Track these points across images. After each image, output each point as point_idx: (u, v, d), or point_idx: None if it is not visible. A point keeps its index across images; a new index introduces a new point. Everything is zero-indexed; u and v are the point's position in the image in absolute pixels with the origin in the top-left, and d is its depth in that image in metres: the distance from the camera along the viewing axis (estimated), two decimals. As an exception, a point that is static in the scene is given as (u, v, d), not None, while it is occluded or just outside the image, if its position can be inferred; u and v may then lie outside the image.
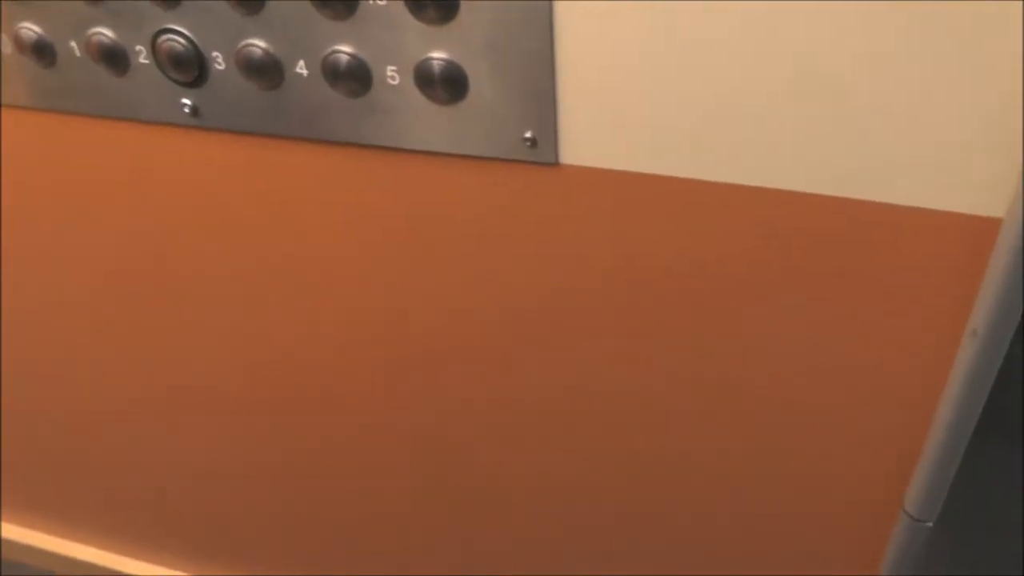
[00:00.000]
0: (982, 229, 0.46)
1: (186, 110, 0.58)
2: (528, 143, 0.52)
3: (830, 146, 0.47)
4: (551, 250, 0.57)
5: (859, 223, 0.49)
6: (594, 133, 0.51)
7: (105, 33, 0.57)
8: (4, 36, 0.60)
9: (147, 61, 0.57)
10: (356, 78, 0.52)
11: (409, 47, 0.50)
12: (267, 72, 0.54)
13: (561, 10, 0.46)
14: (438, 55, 0.50)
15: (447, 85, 0.51)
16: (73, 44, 0.58)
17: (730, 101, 0.47)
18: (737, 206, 0.51)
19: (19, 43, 0.60)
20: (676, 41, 0.46)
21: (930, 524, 0.65)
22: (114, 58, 0.58)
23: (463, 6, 0.48)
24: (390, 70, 0.51)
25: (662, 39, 0.46)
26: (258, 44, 0.53)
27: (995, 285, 0.47)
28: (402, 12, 0.49)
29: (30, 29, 0.59)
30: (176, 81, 0.57)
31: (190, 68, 0.56)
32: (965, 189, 0.46)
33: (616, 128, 0.50)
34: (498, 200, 0.55)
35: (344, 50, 0.51)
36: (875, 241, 0.50)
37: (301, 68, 0.53)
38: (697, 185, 0.51)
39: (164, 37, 0.55)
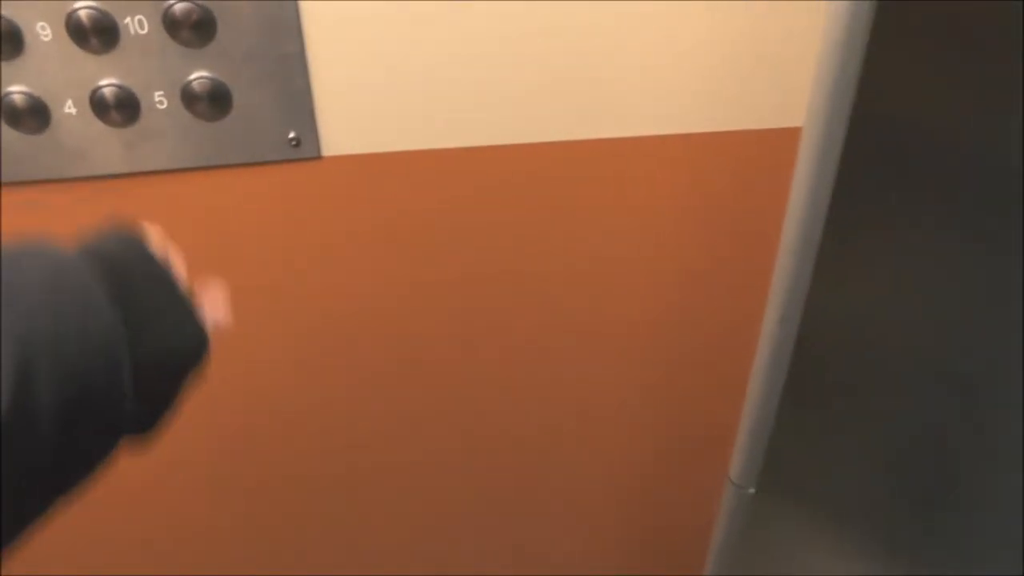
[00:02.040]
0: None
1: (-55, 170, 0.59)
2: (292, 143, 0.59)
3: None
4: (324, 234, 0.63)
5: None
6: (349, 124, 0.59)
7: None
8: None
9: None
10: (125, 107, 0.57)
11: (173, 71, 0.56)
12: (34, 116, 0.57)
13: (307, 14, 0.55)
14: (202, 74, 0.57)
15: (212, 101, 0.57)
16: None
17: (459, 77, 0.58)
18: (489, 164, 0.61)
19: None
20: (406, 31, 0.56)
21: (752, 491, 0.74)
22: None
23: (220, 26, 0.55)
24: (157, 95, 0.57)
25: (396, 31, 0.56)
26: (22, 90, 0.56)
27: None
28: (163, 39, 0.55)
29: None
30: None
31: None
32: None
33: (368, 116, 0.59)
34: (271, 198, 0.62)
35: (111, 83, 0.56)
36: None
37: (69, 107, 0.57)
38: (441, 153, 0.61)
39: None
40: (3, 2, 0.53)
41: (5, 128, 0.57)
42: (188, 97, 0.57)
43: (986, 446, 0.79)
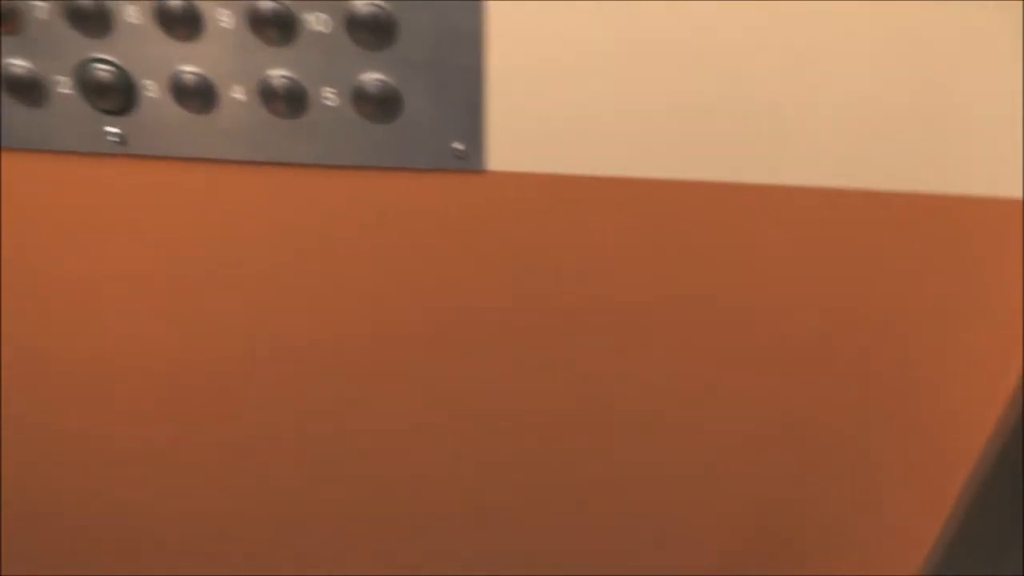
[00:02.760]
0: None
1: (112, 139, 0.59)
2: (458, 153, 0.57)
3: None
4: (481, 252, 0.62)
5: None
6: (519, 140, 0.57)
7: (17, 63, 0.57)
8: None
9: (68, 91, 0.58)
10: (292, 100, 0.56)
11: (347, 70, 0.54)
12: (202, 97, 0.56)
13: (492, 27, 0.52)
14: (375, 76, 0.54)
15: (383, 104, 0.55)
16: (-19, 76, 0.58)
17: (646, 101, 0.54)
18: (666, 200, 0.58)
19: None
20: (594, 50, 0.53)
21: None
22: (30, 89, 0.58)
23: (401, 31, 0.53)
24: (327, 91, 0.55)
25: (581, 49, 0.53)
26: (193, 70, 0.55)
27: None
28: (342, 38, 0.53)
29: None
30: (102, 110, 0.58)
31: (117, 96, 0.57)
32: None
33: (540, 134, 0.56)
34: (429, 207, 0.60)
35: (283, 74, 0.55)
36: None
37: (238, 93, 0.56)
38: (611, 182, 0.58)
39: (90, 67, 0.56)
40: (187, -14, 0.52)
41: (173, 104, 0.57)
42: (359, 97, 0.55)
43: None
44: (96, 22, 0.54)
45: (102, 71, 0.56)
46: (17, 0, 0.54)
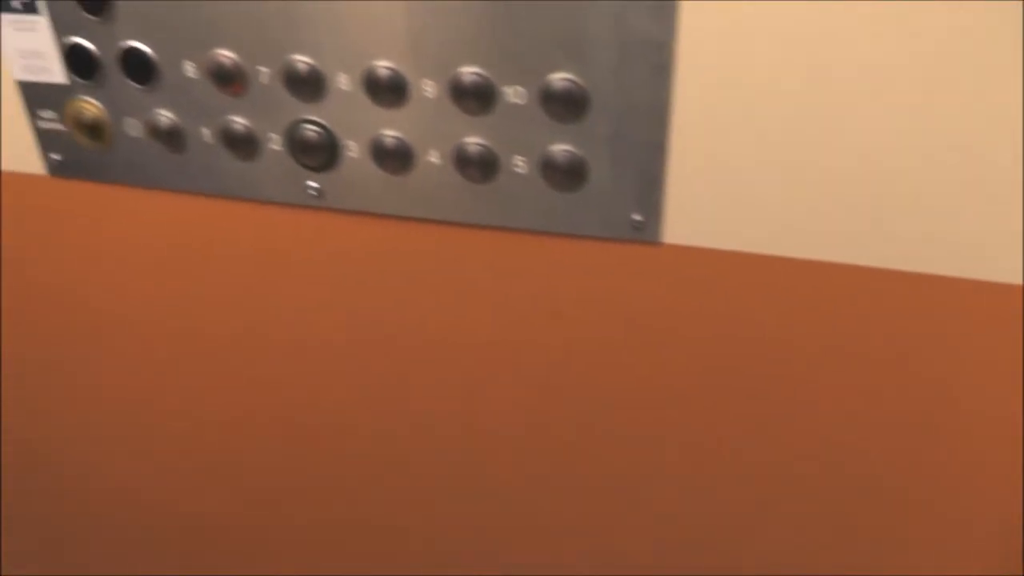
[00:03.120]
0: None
1: (311, 192, 0.64)
2: (635, 224, 0.59)
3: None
4: (653, 323, 0.63)
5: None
6: (697, 214, 0.58)
7: (238, 121, 0.63)
8: (135, 120, 0.65)
9: (278, 148, 0.63)
10: (484, 166, 0.59)
11: (538, 140, 0.57)
12: (399, 159, 0.60)
13: (678, 107, 0.54)
14: (564, 147, 0.57)
15: (569, 174, 0.58)
16: (205, 131, 0.64)
17: (832, 182, 0.54)
18: (837, 285, 0.58)
19: (151, 128, 0.65)
20: (774, 132, 0.54)
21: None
22: (245, 144, 0.63)
23: (592, 106, 0.55)
24: (518, 160, 0.58)
25: (762, 129, 0.54)
26: (394, 134, 0.59)
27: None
28: (536, 111, 0.56)
29: (163, 115, 0.64)
30: (305, 165, 0.63)
31: (321, 154, 0.62)
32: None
33: (718, 209, 0.57)
34: (605, 276, 0.62)
35: (477, 142, 0.58)
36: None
37: (433, 157, 0.59)
38: (789, 262, 0.58)
39: (301, 127, 0.61)
40: (398, 60, 0.56)
41: (371, 164, 0.61)
42: (547, 166, 0.58)
43: None
44: (311, 88, 0.59)
45: (310, 131, 0.61)
46: (244, 65, 0.60)
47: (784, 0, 0.49)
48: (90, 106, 0.66)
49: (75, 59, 0.64)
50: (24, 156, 0.70)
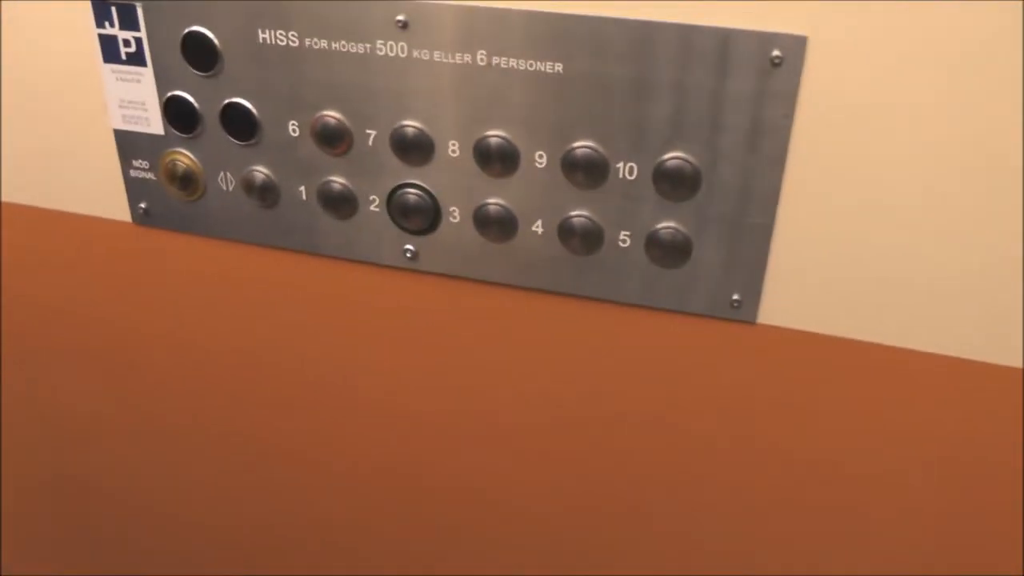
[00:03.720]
0: None
1: (407, 255, 0.64)
2: (734, 304, 0.59)
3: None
4: (748, 401, 0.63)
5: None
6: (794, 297, 0.58)
7: (338, 181, 0.63)
8: (229, 175, 0.66)
9: (378, 209, 0.63)
10: (588, 239, 0.59)
11: (645, 217, 0.58)
12: (502, 227, 0.60)
13: (787, 193, 0.55)
14: (670, 225, 0.58)
15: (673, 252, 0.58)
16: (302, 189, 0.64)
17: (928, 275, 0.55)
18: (928, 374, 0.58)
19: (246, 184, 0.65)
20: (879, 220, 0.54)
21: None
22: (343, 204, 0.64)
23: (703, 186, 0.56)
24: (623, 234, 0.59)
25: (866, 214, 0.54)
26: (499, 203, 0.60)
27: None
28: (647, 188, 0.57)
29: (259, 171, 0.65)
30: (404, 228, 0.63)
31: (423, 218, 0.62)
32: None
33: (815, 293, 0.58)
34: (699, 352, 0.62)
35: (583, 215, 0.58)
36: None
37: (537, 227, 0.60)
38: (880, 349, 0.59)
39: (403, 191, 0.62)
40: (512, 130, 0.56)
41: (473, 230, 0.61)
42: (652, 243, 0.58)
43: None
44: (419, 153, 0.60)
45: (413, 195, 0.61)
46: (351, 126, 0.60)
47: (898, 94, 0.50)
48: (184, 158, 0.66)
49: (175, 112, 0.64)
50: (112, 203, 0.71)
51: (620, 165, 0.56)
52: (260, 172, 0.64)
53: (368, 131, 0.60)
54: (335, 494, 0.81)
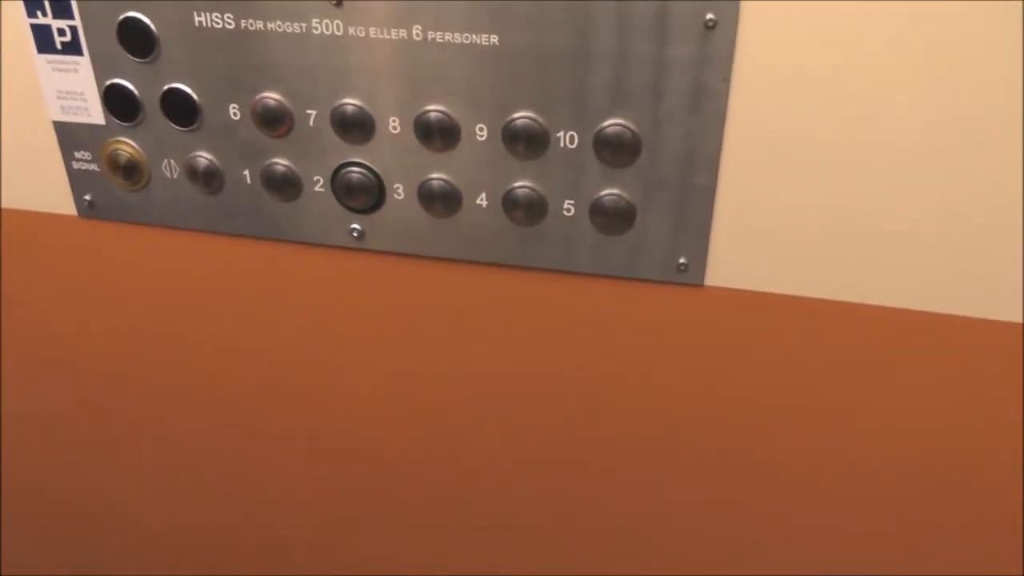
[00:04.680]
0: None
1: (354, 234, 0.64)
2: (681, 268, 0.60)
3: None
4: (695, 363, 0.64)
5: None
6: (739, 258, 0.59)
7: (281, 163, 0.63)
8: (173, 162, 0.65)
9: (322, 190, 0.63)
10: (533, 209, 0.59)
11: (588, 185, 0.58)
12: (446, 202, 0.60)
13: (728, 153, 0.55)
14: (613, 191, 0.58)
15: (618, 219, 0.58)
16: (245, 172, 0.64)
17: (870, 227, 0.56)
18: (873, 325, 0.59)
19: (190, 170, 0.65)
20: (822, 178, 0.55)
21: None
22: (287, 186, 0.63)
23: (643, 152, 0.56)
24: (567, 204, 0.59)
25: (811, 176, 0.55)
26: (442, 177, 0.60)
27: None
28: (588, 156, 0.57)
29: (202, 157, 0.64)
30: (349, 208, 0.63)
31: (368, 197, 0.62)
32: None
33: (760, 253, 0.58)
34: (649, 317, 0.63)
35: (527, 185, 0.59)
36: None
37: (481, 200, 0.60)
38: (826, 304, 0.59)
39: (347, 170, 0.61)
40: (451, 104, 0.57)
41: (417, 206, 0.61)
42: (597, 211, 0.58)
43: None
44: (360, 131, 0.60)
45: (356, 174, 0.61)
46: (290, 108, 0.60)
47: (833, 54, 0.51)
48: (126, 147, 0.66)
49: (114, 100, 0.63)
50: (56, 197, 0.70)
51: (560, 134, 0.56)
52: (203, 158, 0.64)
53: (308, 111, 0.60)
54: (289, 477, 0.81)
